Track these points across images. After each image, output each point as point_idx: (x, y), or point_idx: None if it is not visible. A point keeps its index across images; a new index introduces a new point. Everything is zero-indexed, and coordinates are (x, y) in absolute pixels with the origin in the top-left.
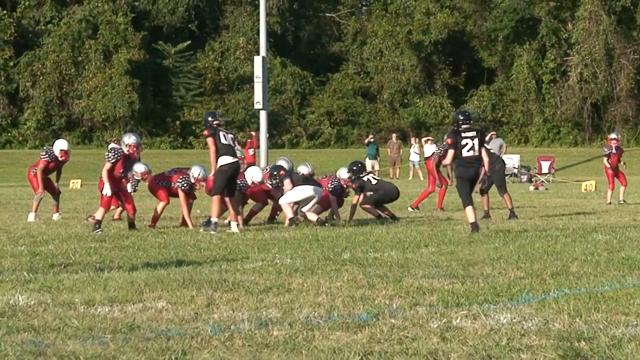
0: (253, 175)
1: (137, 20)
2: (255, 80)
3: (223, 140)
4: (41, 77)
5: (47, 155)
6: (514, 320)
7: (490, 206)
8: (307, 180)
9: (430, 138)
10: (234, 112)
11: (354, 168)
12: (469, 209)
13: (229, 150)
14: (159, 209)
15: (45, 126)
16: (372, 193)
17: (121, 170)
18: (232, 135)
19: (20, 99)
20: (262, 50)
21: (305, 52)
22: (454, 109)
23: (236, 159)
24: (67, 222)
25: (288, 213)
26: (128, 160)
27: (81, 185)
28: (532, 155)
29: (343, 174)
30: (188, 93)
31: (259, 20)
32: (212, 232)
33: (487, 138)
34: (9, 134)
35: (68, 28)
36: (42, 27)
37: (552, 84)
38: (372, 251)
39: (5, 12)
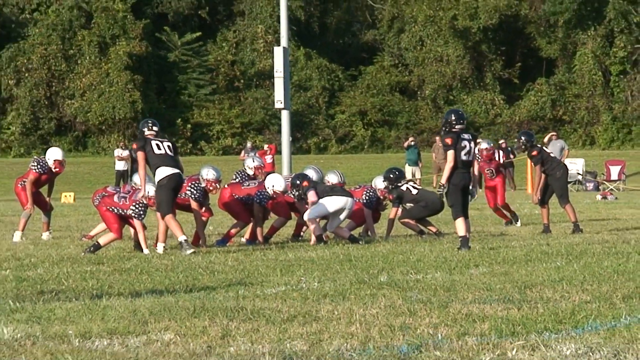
0: (274, 183)
1: (138, 7)
2: (275, 75)
3: (157, 151)
4: (27, 74)
5: (38, 166)
6: (579, 352)
7: (551, 219)
8: (336, 190)
9: (481, 140)
10: (252, 113)
11: (391, 176)
12: (460, 221)
13: (166, 161)
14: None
15: (31, 131)
16: (412, 205)
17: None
18: (169, 143)
19: (3, 99)
20: (284, 40)
21: (334, 41)
22: (507, 106)
23: (177, 170)
24: (58, 242)
25: (315, 230)
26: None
27: (74, 199)
28: (599, 159)
29: (379, 183)
30: (198, 91)
31: (279, 5)
32: (187, 252)
33: (546, 139)
34: None
35: (57, 17)
36: (27, 16)
37: (621, 76)
38: (413, 272)
39: None
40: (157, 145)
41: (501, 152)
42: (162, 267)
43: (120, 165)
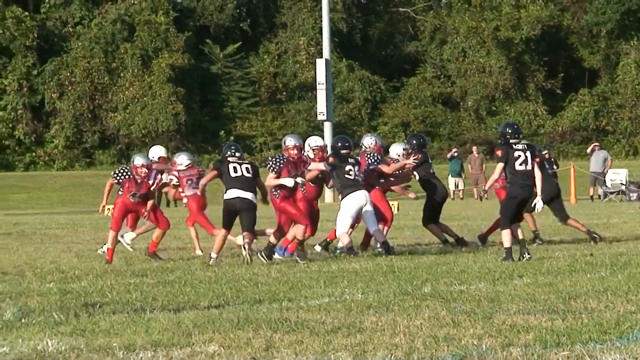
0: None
1: (180, 20)
2: (318, 87)
3: (232, 174)
4: (70, 88)
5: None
6: None
7: (593, 230)
8: (350, 184)
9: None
10: (294, 124)
11: (414, 141)
12: (506, 232)
13: (238, 184)
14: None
15: (75, 144)
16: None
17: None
18: (247, 166)
19: (46, 112)
20: (326, 52)
21: (376, 53)
22: (550, 117)
23: (243, 195)
24: (102, 255)
25: (346, 243)
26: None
27: None
28: None
29: (397, 149)
30: (241, 103)
31: (321, 17)
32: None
33: (589, 150)
34: (34, 154)
35: (100, 30)
36: (70, 30)
37: None
38: (457, 283)
39: (27, 13)
40: (234, 168)
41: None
42: (206, 279)
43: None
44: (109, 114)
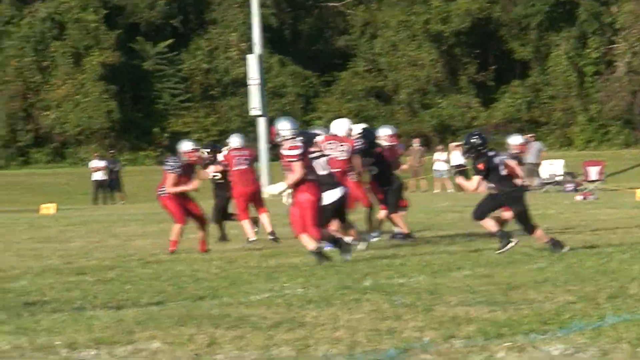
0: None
1: (110, 17)
2: (250, 82)
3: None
4: (2, 86)
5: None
6: (566, 352)
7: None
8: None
9: (459, 143)
10: (228, 120)
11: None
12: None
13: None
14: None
15: (9, 143)
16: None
17: None
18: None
19: None
20: (257, 48)
21: (307, 48)
22: (483, 109)
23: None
24: (39, 252)
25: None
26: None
27: (56, 210)
28: (577, 160)
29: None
30: (174, 99)
31: (251, 13)
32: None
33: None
34: None
35: (30, 28)
36: (1, 28)
37: (596, 77)
38: (397, 276)
39: None
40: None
41: None
42: (146, 277)
43: (98, 176)
44: (42, 113)
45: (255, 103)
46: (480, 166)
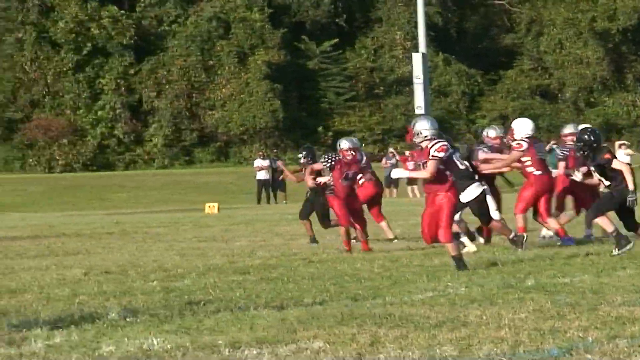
0: None
1: (275, 16)
2: (414, 81)
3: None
4: (167, 86)
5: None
6: None
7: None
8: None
9: (624, 142)
10: (393, 119)
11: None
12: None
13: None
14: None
15: (174, 142)
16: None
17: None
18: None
19: (144, 111)
20: (422, 46)
21: (472, 46)
22: None
23: None
24: (203, 252)
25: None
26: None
27: (218, 210)
28: None
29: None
30: (338, 98)
31: (416, 11)
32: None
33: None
34: (133, 153)
35: (196, 28)
36: (166, 28)
37: None
38: (561, 276)
39: (123, 12)
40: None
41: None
42: (309, 276)
43: (262, 175)
44: (207, 112)
45: (419, 102)
46: (592, 164)
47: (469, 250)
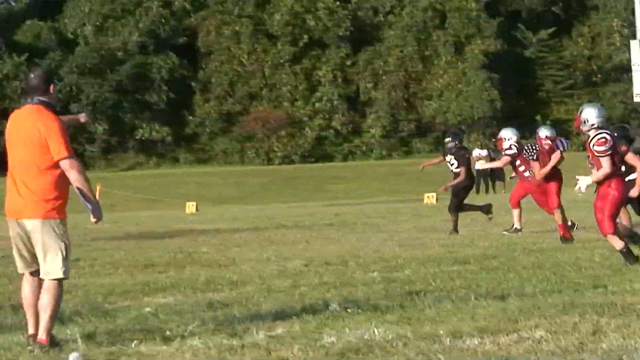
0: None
1: (491, 5)
2: (633, 68)
3: None
4: (384, 77)
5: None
6: None
7: None
8: None
9: None
10: (612, 107)
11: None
12: None
13: None
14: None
15: (392, 133)
16: None
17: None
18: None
19: (362, 102)
20: (639, 34)
21: None
22: None
23: None
24: (422, 242)
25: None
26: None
27: (437, 200)
28: None
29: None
30: (556, 87)
31: None
32: None
33: None
34: (351, 143)
35: (412, 18)
36: (382, 19)
37: None
38: None
39: (338, 3)
40: None
41: None
42: (529, 265)
43: (480, 165)
44: (424, 102)
45: (638, 89)
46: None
47: None
